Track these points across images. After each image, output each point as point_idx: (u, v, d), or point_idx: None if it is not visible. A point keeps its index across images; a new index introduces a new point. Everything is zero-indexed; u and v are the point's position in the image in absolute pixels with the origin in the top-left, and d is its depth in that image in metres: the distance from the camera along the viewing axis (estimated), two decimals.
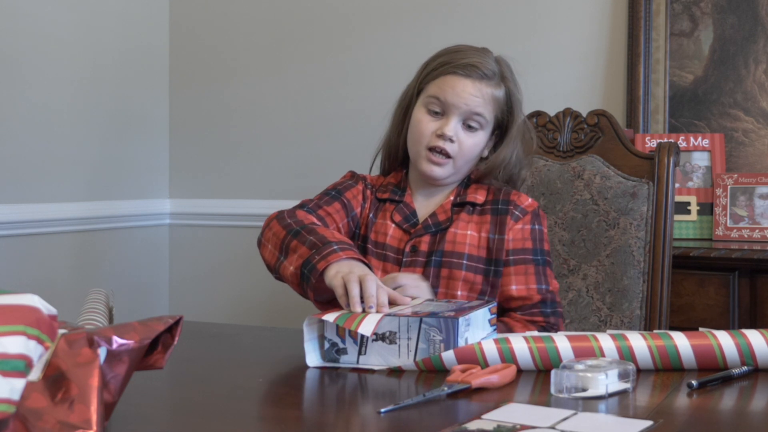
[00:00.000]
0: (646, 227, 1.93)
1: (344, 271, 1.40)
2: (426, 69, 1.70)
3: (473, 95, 1.63)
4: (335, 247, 1.46)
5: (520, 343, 1.29)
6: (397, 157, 1.75)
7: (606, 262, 1.94)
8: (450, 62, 1.65)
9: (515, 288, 1.61)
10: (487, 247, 1.63)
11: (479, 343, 1.29)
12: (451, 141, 1.64)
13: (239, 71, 3.05)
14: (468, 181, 1.71)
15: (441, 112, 1.65)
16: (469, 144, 1.65)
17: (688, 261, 2.12)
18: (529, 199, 1.68)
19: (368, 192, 1.73)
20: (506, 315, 1.63)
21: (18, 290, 0.95)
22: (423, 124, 1.66)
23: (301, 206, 1.66)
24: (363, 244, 1.69)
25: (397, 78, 1.74)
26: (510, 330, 1.56)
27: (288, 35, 2.98)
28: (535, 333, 1.35)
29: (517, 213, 1.65)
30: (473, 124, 1.65)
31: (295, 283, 1.52)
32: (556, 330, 1.59)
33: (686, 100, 2.50)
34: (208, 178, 3.11)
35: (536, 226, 1.66)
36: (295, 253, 1.51)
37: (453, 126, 1.63)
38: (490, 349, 1.28)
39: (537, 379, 1.25)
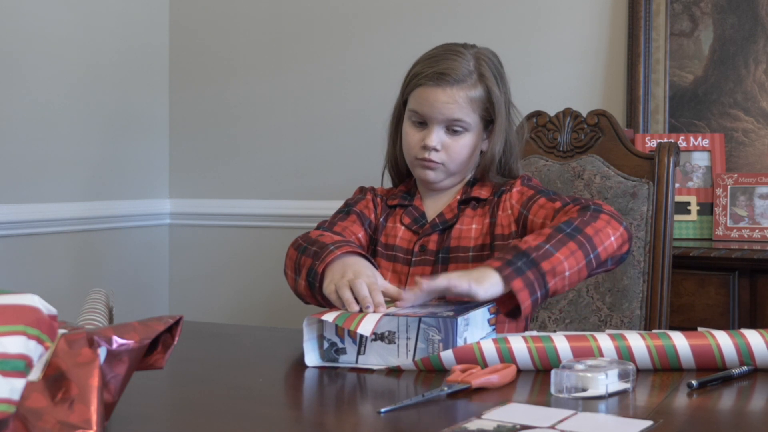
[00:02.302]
0: (646, 227, 1.93)
1: (336, 278, 1.44)
2: (405, 80, 1.71)
3: (447, 103, 1.63)
4: (331, 247, 1.51)
5: (518, 343, 1.29)
6: (398, 168, 1.77)
7: None
8: (421, 72, 1.66)
9: (540, 221, 1.58)
10: (491, 232, 1.64)
11: (478, 343, 1.29)
12: (436, 150, 1.65)
13: (239, 71, 3.05)
14: (473, 180, 1.72)
15: (423, 122, 1.67)
16: (456, 148, 1.66)
17: (688, 261, 2.12)
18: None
19: (378, 200, 1.76)
20: None
21: (18, 290, 0.95)
22: (409, 136, 1.68)
23: (316, 228, 1.70)
24: (374, 247, 1.71)
25: (397, 78, 1.74)
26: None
27: (288, 35, 2.98)
28: (534, 333, 1.35)
29: (508, 187, 1.67)
30: (456, 128, 1.66)
31: (308, 295, 1.56)
32: (593, 206, 1.52)
33: (686, 100, 2.50)
34: (208, 178, 3.11)
35: (528, 183, 1.67)
36: (304, 268, 1.55)
37: (435, 136, 1.65)
38: (489, 349, 1.28)
39: (537, 379, 1.25)
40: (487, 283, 1.38)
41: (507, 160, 1.71)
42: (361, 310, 1.35)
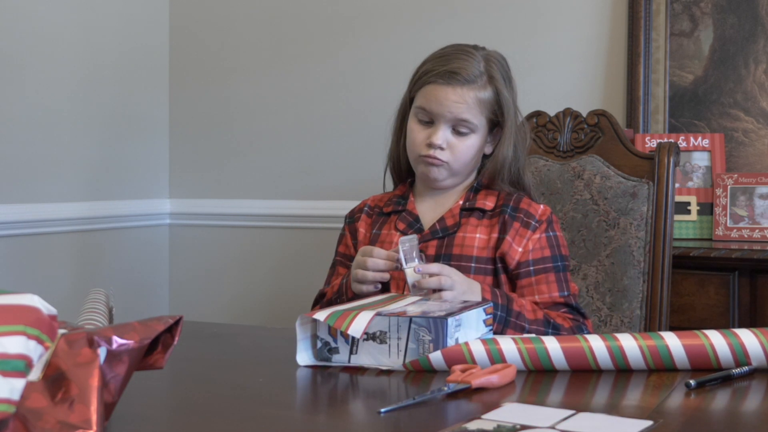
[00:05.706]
0: (646, 227, 1.93)
1: (353, 279, 1.58)
2: (414, 77, 1.71)
3: (456, 102, 1.63)
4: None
5: (508, 345, 1.28)
6: (400, 166, 1.77)
7: (606, 262, 1.94)
8: (432, 70, 1.66)
9: (538, 297, 1.63)
10: (496, 247, 1.64)
11: (467, 344, 1.28)
12: (441, 149, 1.65)
13: (239, 71, 3.05)
14: (479, 186, 1.71)
15: (430, 120, 1.66)
16: (461, 149, 1.66)
17: (688, 261, 2.12)
18: (542, 206, 1.69)
19: (356, 224, 1.77)
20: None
21: (18, 290, 0.95)
22: (414, 133, 1.68)
23: (320, 295, 1.77)
24: None
25: (397, 78, 1.74)
26: (557, 330, 1.59)
27: (288, 35, 2.98)
28: (526, 335, 1.35)
29: (533, 223, 1.65)
30: (462, 129, 1.65)
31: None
32: (585, 329, 1.62)
33: (686, 100, 2.50)
34: (208, 178, 3.11)
35: (551, 233, 1.66)
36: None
37: (441, 135, 1.65)
38: (479, 350, 1.28)
39: (537, 380, 1.25)
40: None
41: (516, 166, 1.70)
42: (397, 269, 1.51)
